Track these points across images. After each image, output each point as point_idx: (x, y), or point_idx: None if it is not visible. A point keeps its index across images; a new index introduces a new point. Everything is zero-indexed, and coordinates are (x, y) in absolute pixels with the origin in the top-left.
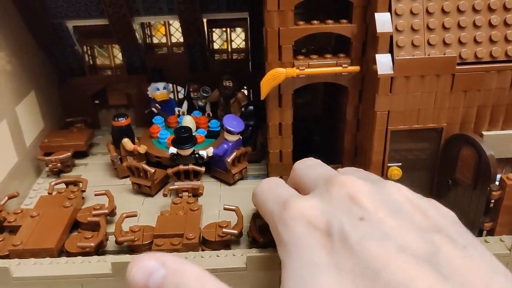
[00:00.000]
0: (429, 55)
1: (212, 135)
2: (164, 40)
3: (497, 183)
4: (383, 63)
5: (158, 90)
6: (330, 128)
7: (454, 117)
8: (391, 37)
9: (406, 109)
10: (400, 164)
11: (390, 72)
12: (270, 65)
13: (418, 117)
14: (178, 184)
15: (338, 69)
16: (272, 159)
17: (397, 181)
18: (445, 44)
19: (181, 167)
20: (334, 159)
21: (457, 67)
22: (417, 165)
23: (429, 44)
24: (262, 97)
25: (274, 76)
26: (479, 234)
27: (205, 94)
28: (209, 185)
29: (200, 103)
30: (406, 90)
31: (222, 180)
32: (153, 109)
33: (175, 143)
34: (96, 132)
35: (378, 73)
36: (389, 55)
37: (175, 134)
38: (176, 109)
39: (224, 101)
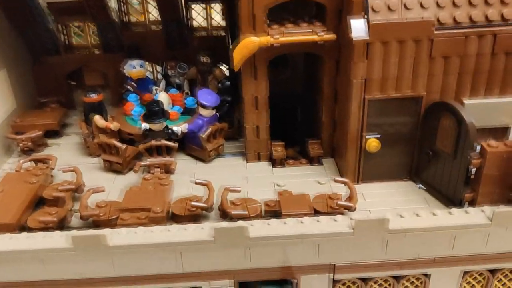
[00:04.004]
0: (406, 19)
1: (188, 112)
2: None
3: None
4: (358, 28)
5: (134, 68)
6: (310, 104)
7: (434, 85)
8: (367, 1)
9: (383, 77)
10: (379, 136)
11: (365, 37)
12: (244, 35)
13: (396, 85)
14: (149, 160)
15: (313, 37)
16: (248, 135)
17: (376, 153)
18: (423, 7)
19: (153, 142)
20: (315, 134)
21: (436, 31)
22: (397, 139)
23: (405, 7)
24: (235, 67)
25: (247, 45)
26: (460, 205)
27: (182, 71)
28: (184, 163)
29: (178, 81)
30: (382, 56)
31: (197, 157)
32: (129, 87)
33: (146, 117)
34: (72, 113)
35: (353, 38)
36: (364, 20)
37: (146, 109)
38: (153, 87)
39: (202, 78)
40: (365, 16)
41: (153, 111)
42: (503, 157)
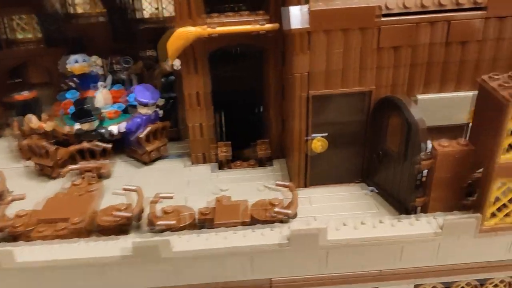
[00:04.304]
0: (350, 5)
1: (132, 110)
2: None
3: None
4: (298, 15)
5: (77, 63)
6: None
7: (383, 79)
8: None
9: (328, 70)
10: (326, 134)
11: (306, 25)
12: (180, 24)
13: (342, 79)
14: (80, 163)
15: (254, 27)
16: (191, 134)
17: (324, 154)
18: None
19: (85, 144)
20: (265, 133)
21: (383, 18)
22: (346, 138)
23: None
24: (170, 59)
25: (181, 35)
26: (412, 210)
27: (126, 65)
28: (122, 165)
29: (122, 76)
30: (326, 47)
31: (138, 160)
32: (71, 83)
33: (74, 116)
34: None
35: (292, 28)
36: (304, 6)
37: (74, 107)
38: (98, 83)
39: (148, 73)
40: (305, 3)
41: (79, 110)
42: (455, 157)
